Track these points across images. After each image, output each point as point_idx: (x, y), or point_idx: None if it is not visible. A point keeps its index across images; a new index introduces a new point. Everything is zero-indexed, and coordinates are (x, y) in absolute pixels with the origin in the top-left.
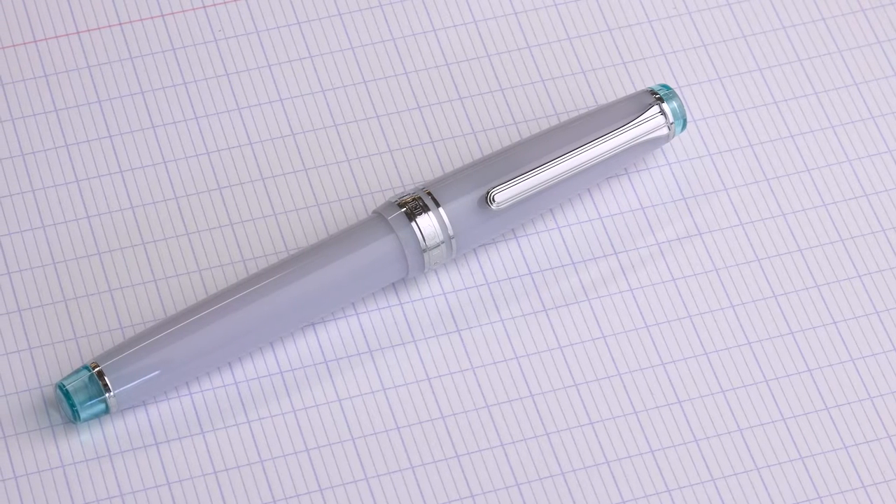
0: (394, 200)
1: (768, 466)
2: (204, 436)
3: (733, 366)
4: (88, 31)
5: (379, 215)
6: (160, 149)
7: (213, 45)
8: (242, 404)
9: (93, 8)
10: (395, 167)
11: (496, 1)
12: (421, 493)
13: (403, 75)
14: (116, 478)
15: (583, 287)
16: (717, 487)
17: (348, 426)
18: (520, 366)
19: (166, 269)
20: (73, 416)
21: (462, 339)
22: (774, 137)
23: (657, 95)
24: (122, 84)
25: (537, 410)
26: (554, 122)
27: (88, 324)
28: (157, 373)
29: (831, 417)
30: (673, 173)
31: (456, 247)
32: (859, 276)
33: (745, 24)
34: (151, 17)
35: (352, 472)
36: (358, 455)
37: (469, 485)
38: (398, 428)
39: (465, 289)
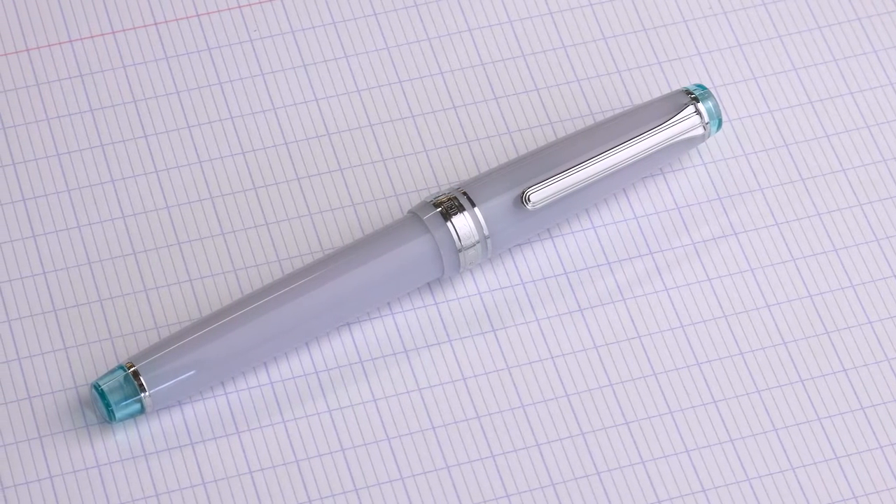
0: (429, 200)
1: (804, 466)
2: (239, 436)
3: (769, 366)
4: (124, 30)
5: (414, 215)
6: (195, 148)
7: (248, 45)
8: (278, 404)
9: (128, 8)
10: (431, 167)
11: (531, 1)
12: (456, 492)
13: (439, 75)
14: (152, 477)
15: (618, 287)
16: (752, 487)
17: (384, 426)
18: (555, 365)
19: (201, 269)
20: (108, 415)
21: (497, 339)
22: (810, 137)
23: (692, 95)
24: (157, 84)
25: (573, 410)
26: (589, 121)
27: (124, 323)
28: (192, 373)
29: (867, 417)
30: (708, 173)
31: (491, 246)
32: (895, 277)
33: (781, 23)
34: (187, 17)
35: (387, 472)
36: (393, 455)
37: (504, 484)
38: (433, 428)
39: (501, 288)
